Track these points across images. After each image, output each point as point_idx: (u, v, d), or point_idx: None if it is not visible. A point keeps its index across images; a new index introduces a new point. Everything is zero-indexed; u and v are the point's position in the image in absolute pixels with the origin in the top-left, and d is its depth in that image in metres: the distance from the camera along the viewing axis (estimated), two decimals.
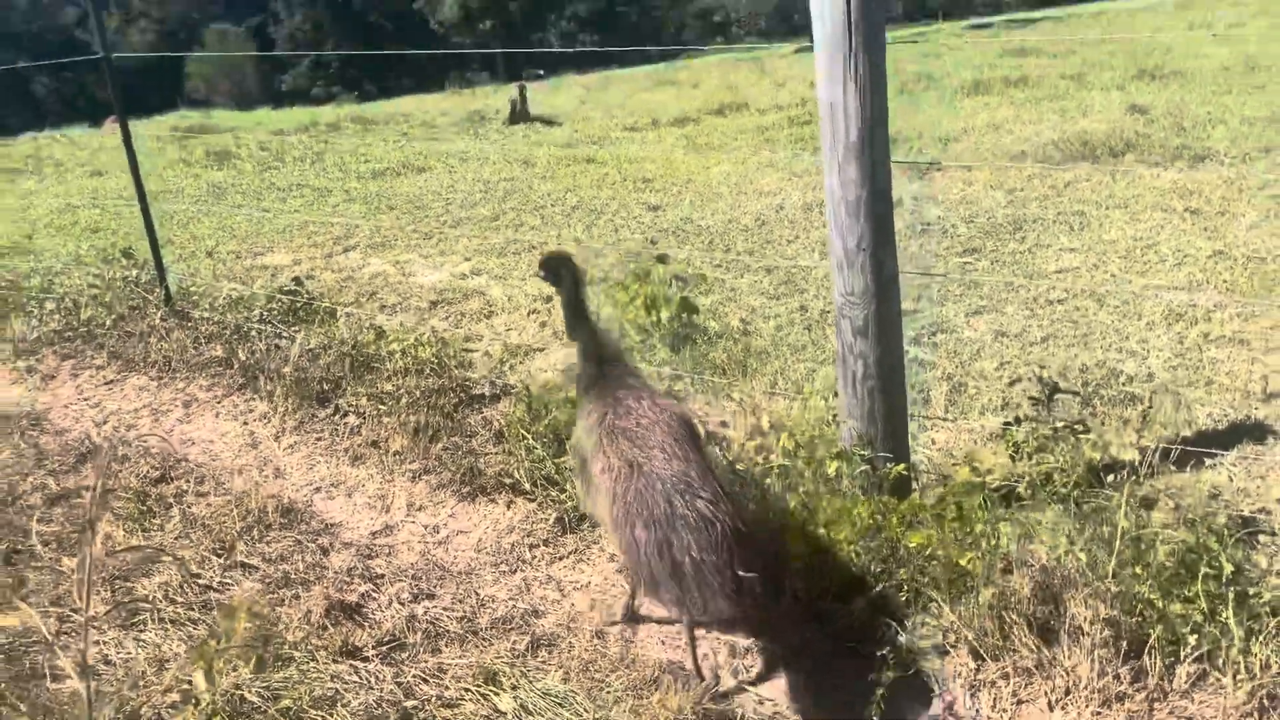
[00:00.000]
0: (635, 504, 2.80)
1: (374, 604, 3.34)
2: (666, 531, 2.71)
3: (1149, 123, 10.67)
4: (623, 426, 2.98)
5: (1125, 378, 4.68)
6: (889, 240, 3.35)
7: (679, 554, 2.68)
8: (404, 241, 8.75)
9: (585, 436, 3.10)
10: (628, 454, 2.91)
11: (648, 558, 2.72)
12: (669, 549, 2.69)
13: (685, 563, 2.67)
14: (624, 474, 2.87)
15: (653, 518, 2.75)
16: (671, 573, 2.69)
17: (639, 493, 2.81)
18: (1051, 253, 6.76)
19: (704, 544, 2.67)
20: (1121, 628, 2.82)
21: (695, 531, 2.69)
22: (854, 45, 3.11)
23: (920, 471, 3.78)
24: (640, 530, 2.75)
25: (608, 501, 2.90)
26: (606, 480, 2.92)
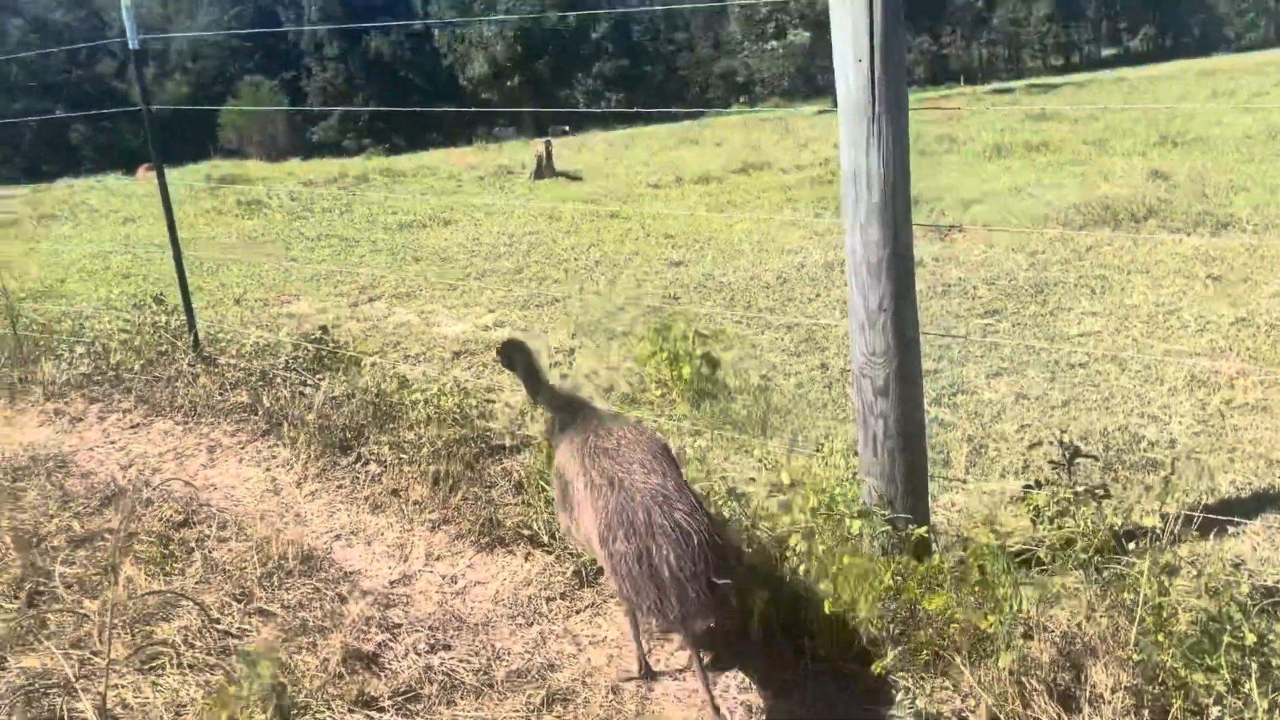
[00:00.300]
0: (616, 516, 2.94)
1: (391, 654, 3.34)
2: (645, 540, 2.85)
3: (1171, 189, 10.72)
4: (604, 447, 3.15)
5: (1147, 443, 4.66)
6: (910, 301, 3.37)
7: (658, 562, 2.81)
8: (428, 292, 8.86)
9: (568, 462, 3.24)
10: (609, 471, 3.06)
11: (629, 566, 2.85)
12: (648, 557, 2.83)
13: (664, 571, 2.80)
14: (605, 490, 3.02)
15: (633, 528, 2.89)
16: (651, 579, 2.82)
17: (620, 505, 2.96)
18: (1073, 316, 6.77)
19: (681, 553, 2.82)
20: (1143, 696, 2.79)
21: (673, 541, 2.83)
22: (877, 109, 3.17)
23: (940, 533, 3.77)
24: (621, 541, 2.89)
25: (592, 516, 3.03)
26: (590, 497, 3.06)
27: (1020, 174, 13.22)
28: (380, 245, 11.75)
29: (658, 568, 2.81)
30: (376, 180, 19.03)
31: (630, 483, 3.00)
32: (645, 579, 2.82)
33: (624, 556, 2.86)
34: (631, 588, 2.85)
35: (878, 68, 3.13)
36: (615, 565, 2.90)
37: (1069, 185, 11.75)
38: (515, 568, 3.91)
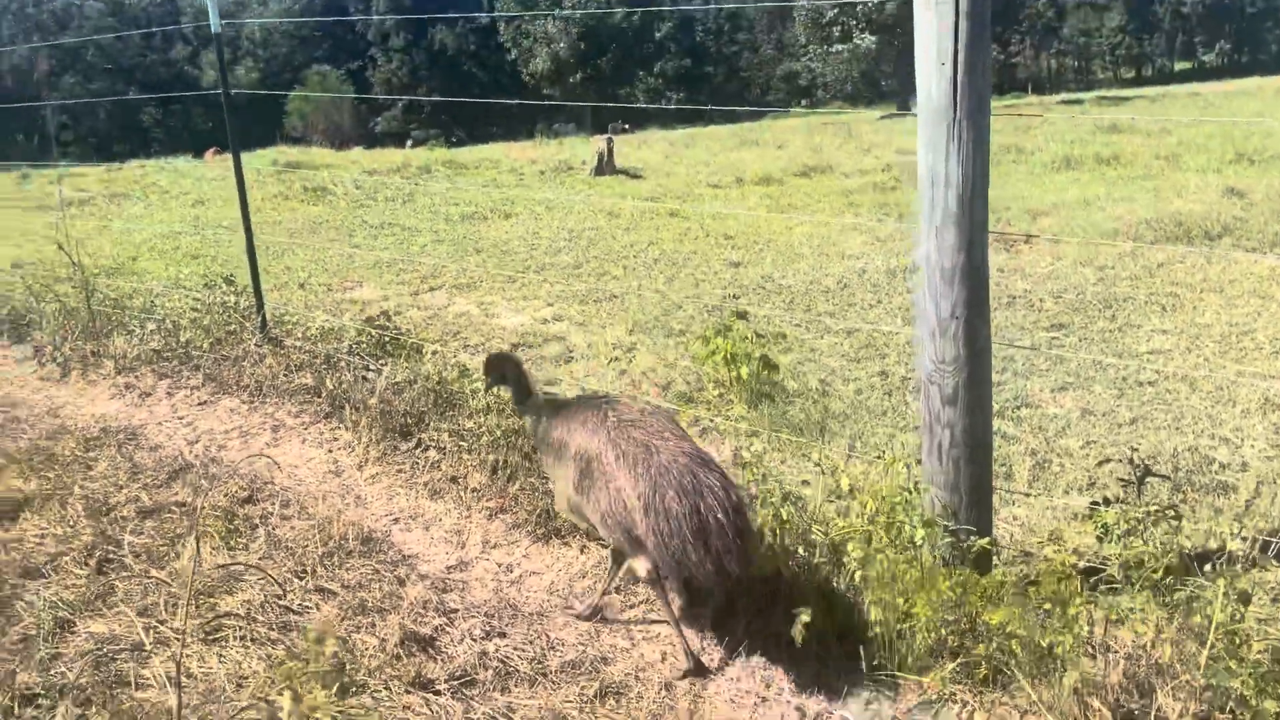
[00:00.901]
0: (662, 478, 3.09)
1: (447, 638, 3.36)
2: (694, 499, 3.03)
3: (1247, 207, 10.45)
4: (627, 419, 3.31)
5: (1218, 465, 4.55)
6: (983, 309, 3.33)
7: (708, 517, 3.01)
8: (488, 284, 8.93)
9: (586, 440, 3.33)
10: (641, 439, 3.21)
11: (678, 524, 3.01)
12: (697, 515, 3.01)
13: (711, 525, 3.00)
14: (644, 456, 3.16)
15: (682, 488, 3.05)
16: (699, 535, 2.99)
17: (664, 468, 3.11)
18: (1143, 333, 6.63)
19: (726, 511, 3.04)
20: None
21: (719, 499, 3.05)
22: (958, 114, 3.12)
23: (1002, 546, 3.71)
24: (673, 498, 3.04)
25: (631, 483, 3.13)
26: (624, 465, 3.18)
27: (1090, 186, 12.97)
28: (442, 235, 11.87)
29: (707, 524, 3.00)
30: (439, 171, 19.23)
31: (667, 448, 3.17)
32: (695, 536, 2.99)
33: (675, 515, 3.01)
34: (680, 546, 3.00)
35: (961, 71, 3.09)
36: (660, 526, 3.04)
37: (1140, 200, 11.50)
38: (570, 559, 3.92)
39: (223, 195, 15.79)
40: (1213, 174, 13.39)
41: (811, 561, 3.45)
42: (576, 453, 3.36)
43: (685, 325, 7.42)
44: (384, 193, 15.51)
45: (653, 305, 8.01)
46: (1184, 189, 12.05)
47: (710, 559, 2.99)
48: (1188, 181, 12.70)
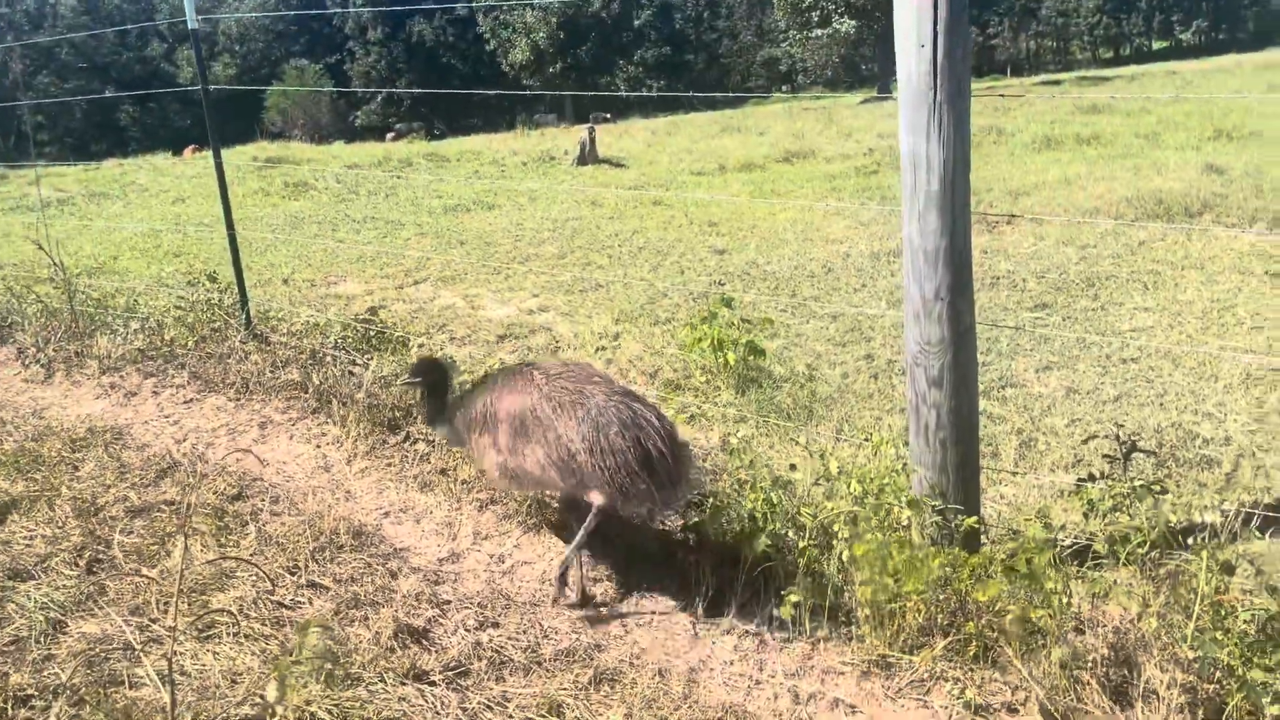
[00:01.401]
0: (601, 417, 3.31)
1: (441, 629, 3.37)
2: (636, 432, 3.27)
3: (1226, 183, 10.52)
4: (556, 373, 3.52)
5: (1201, 440, 4.59)
6: (967, 290, 3.35)
7: (649, 446, 3.26)
8: (473, 276, 8.91)
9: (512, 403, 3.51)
10: (573, 388, 3.43)
11: (624, 459, 3.24)
12: (641, 446, 3.26)
13: (654, 454, 3.26)
14: (579, 402, 3.38)
15: (623, 423, 3.28)
16: (645, 466, 3.25)
17: (601, 408, 3.34)
18: (1125, 311, 6.68)
19: (664, 439, 3.30)
20: (1198, 694, 2.76)
21: (657, 430, 3.30)
22: (939, 96, 3.14)
23: (989, 525, 3.74)
24: (616, 434, 3.27)
25: (573, 428, 3.34)
26: (561, 414, 3.38)
27: (1070, 166, 13.03)
28: (425, 228, 11.83)
29: (649, 453, 3.25)
30: (420, 164, 19.15)
31: (599, 390, 3.40)
32: (640, 466, 3.24)
33: (619, 450, 3.25)
34: (628, 478, 3.24)
35: (941, 53, 3.10)
36: (607, 462, 3.26)
37: (1120, 178, 11.56)
38: (561, 548, 3.93)
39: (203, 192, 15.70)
40: (1192, 151, 13.46)
41: (801, 544, 3.47)
42: (507, 415, 3.52)
43: (671, 313, 7.43)
44: (366, 186, 15.45)
45: (638, 294, 8.01)
46: (1164, 167, 12.12)
47: (655, 484, 3.26)
48: (1167, 159, 12.77)
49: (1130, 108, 18.51)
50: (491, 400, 3.61)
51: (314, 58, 68.37)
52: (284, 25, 69.47)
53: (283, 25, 69.26)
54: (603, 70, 64.50)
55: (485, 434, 3.61)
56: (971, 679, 3.01)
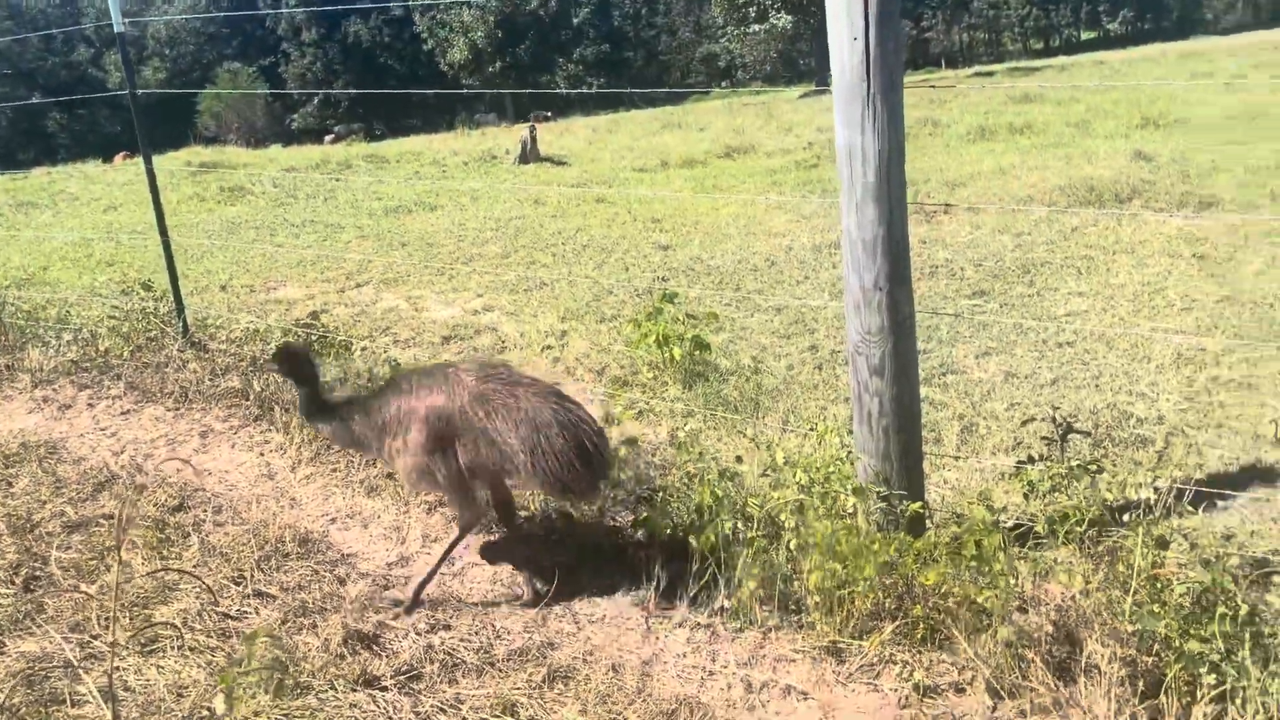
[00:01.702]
0: (540, 418, 3.36)
1: (391, 634, 3.35)
2: (575, 431, 3.36)
3: (1154, 170, 10.80)
4: (484, 374, 3.51)
5: (1135, 420, 4.71)
6: (905, 279, 3.40)
7: (586, 443, 3.36)
8: (416, 277, 8.84)
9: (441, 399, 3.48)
10: (504, 389, 3.45)
11: (567, 458, 3.32)
12: (580, 444, 3.35)
13: (591, 450, 3.37)
14: (512, 404, 3.40)
15: (561, 423, 3.36)
16: (584, 461, 3.34)
17: (536, 409, 3.38)
18: (1060, 296, 6.82)
19: (598, 434, 3.44)
20: (1138, 666, 2.83)
21: (593, 427, 3.42)
22: (872, 89, 3.18)
23: (934, 509, 3.81)
24: (557, 434, 3.34)
25: (511, 429, 3.37)
26: (498, 416, 3.39)
27: (1004, 156, 13.27)
28: (366, 230, 11.70)
29: (587, 450, 3.35)
30: (360, 166, 18.92)
31: (530, 390, 3.44)
32: (581, 463, 3.33)
33: (560, 450, 3.32)
34: (569, 476, 3.33)
35: (873, 46, 3.14)
36: (548, 464, 3.32)
37: (1053, 167, 11.80)
38: (513, 548, 3.92)
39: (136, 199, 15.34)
40: (1121, 139, 13.80)
41: (749, 535, 3.50)
42: (429, 417, 3.47)
43: (617, 310, 7.43)
44: (304, 190, 15.23)
45: (584, 291, 8.00)
46: (1094, 155, 12.40)
47: (592, 479, 3.39)
48: (1097, 147, 13.07)
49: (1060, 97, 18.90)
50: (409, 402, 3.54)
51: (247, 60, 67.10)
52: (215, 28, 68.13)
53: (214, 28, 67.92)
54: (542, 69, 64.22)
55: (401, 436, 3.54)
56: (920, 661, 3.06)
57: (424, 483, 3.57)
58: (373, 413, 3.65)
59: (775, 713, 2.98)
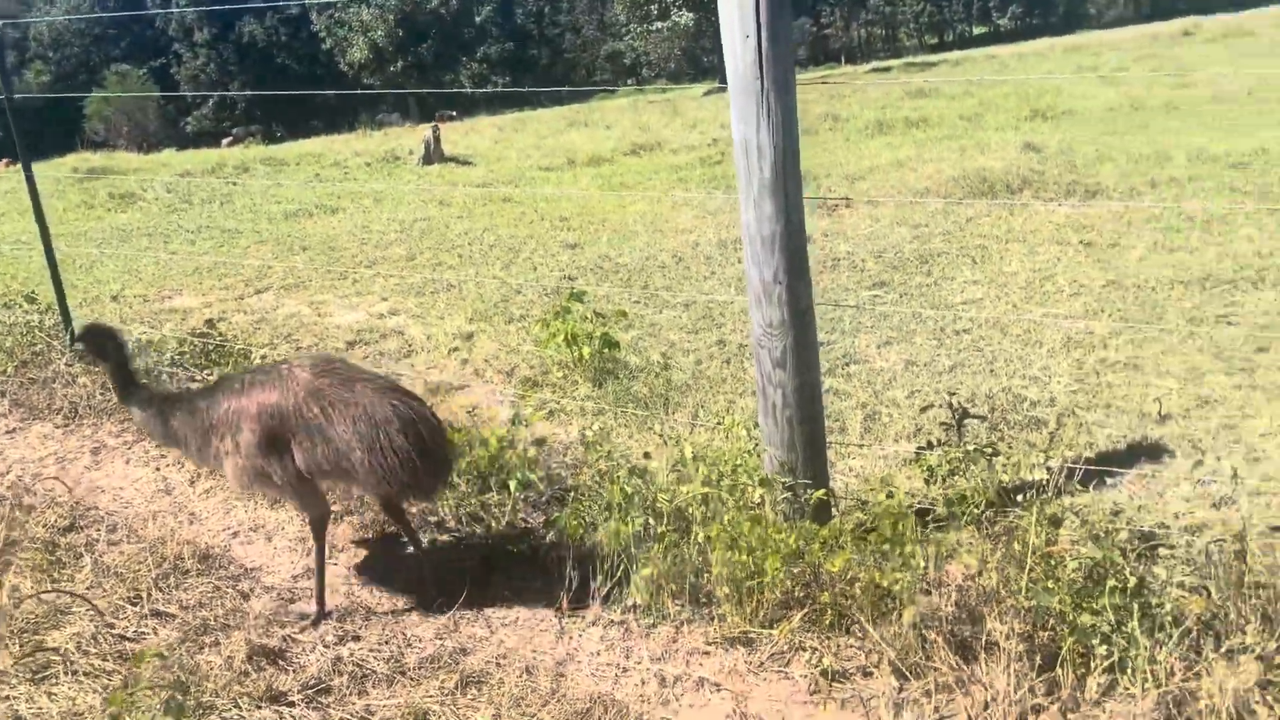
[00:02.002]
0: (379, 414, 3.25)
1: (298, 648, 3.27)
2: (416, 428, 3.26)
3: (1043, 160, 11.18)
4: (319, 369, 3.38)
5: (1029, 403, 4.88)
6: (804, 272, 3.45)
7: (428, 439, 3.28)
8: (318, 282, 8.65)
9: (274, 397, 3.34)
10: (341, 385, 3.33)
11: (404, 456, 3.21)
12: (423, 440, 3.26)
13: (431, 448, 3.28)
14: (350, 400, 3.28)
15: (403, 419, 3.25)
16: (425, 456, 3.25)
17: (375, 405, 3.27)
18: (956, 285, 7.02)
19: (437, 431, 3.37)
20: (1035, 641, 2.93)
21: (430, 424, 3.33)
22: (766, 85, 3.22)
23: (839, 497, 3.88)
24: (397, 431, 3.23)
25: (349, 427, 3.24)
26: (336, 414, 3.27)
27: (901, 149, 13.59)
28: (265, 235, 11.40)
29: (428, 446, 3.27)
30: (257, 169, 18.43)
31: (369, 387, 3.33)
32: (423, 460, 3.25)
33: (400, 447, 3.21)
34: (408, 475, 3.23)
35: (765, 43, 3.18)
36: (387, 461, 3.21)
37: (948, 159, 12.13)
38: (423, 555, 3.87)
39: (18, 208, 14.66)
40: (1011, 131, 14.25)
41: (660, 530, 3.52)
42: (261, 417, 3.34)
43: (526, 310, 7.39)
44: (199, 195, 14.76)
45: (492, 292, 7.93)
46: (986, 146, 12.78)
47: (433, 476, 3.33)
48: (989, 139, 13.48)
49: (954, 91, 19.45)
50: (239, 401, 3.40)
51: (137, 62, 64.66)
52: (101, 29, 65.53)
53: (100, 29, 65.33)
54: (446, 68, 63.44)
55: (230, 437, 3.40)
56: (828, 647, 3.12)
57: (257, 485, 3.42)
58: (199, 412, 3.50)
59: (689, 705, 3.00)
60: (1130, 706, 2.75)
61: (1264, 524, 3.60)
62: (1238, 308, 6.02)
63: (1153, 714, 2.72)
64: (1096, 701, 2.80)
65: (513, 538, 3.89)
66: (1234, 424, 4.51)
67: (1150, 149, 11.35)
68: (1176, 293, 6.36)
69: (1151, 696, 2.74)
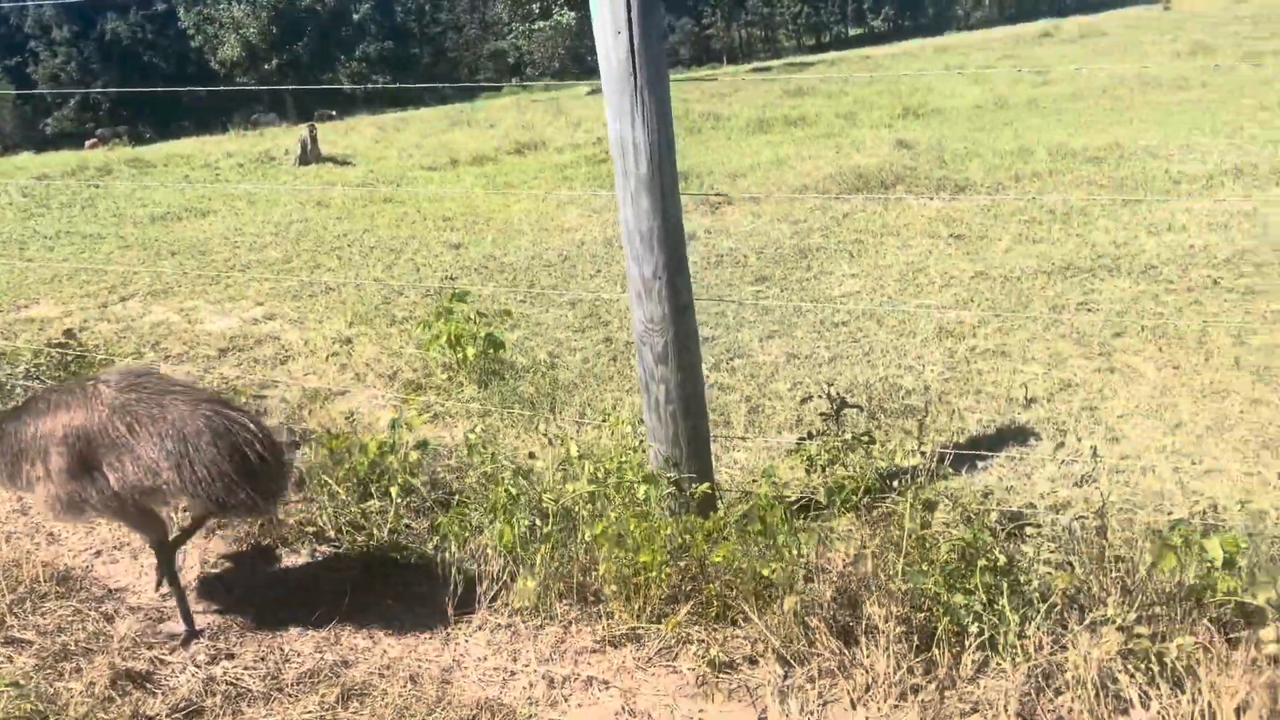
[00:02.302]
0: (189, 428, 3.06)
1: (167, 669, 3.13)
2: (231, 440, 3.07)
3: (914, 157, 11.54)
4: (127, 384, 3.20)
5: (904, 391, 5.02)
6: (683, 268, 3.47)
7: (248, 452, 3.08)
8: (188, 287, 8.31)
9: (79, 417, 3.14)
10: (150, 399, 3.15)
11: (220, 469, 3.03)
12: (239, 454, 3.07)
13: (253, 459, 3.09)
14: (159, 415, 3.10)
15: (215, 432, 3.06)
16: (244, 473, 3.06)
17: (186, 418, 3.08)
18: (835, 279, 7.18)
19: (264, 442, 3.15)
20: (913, 623, 3.01)
21: (255, 435, 3.13)
22: (639, 81, 3.22)
23: (725, 490, 3.92)
24: (208, 445, 3.04)
25: (155, 444, 3.06)
26: (142, 432, 3.08)
27: (781, 147, 13.84)
28: (130, 240, 10.90)
29: (249, 459, 3.08)
30: (122, 171, 17.60)
31: (181, 400, 3.14)
32: (240, 475, 3.05)
33: (212, 461, 3.03)
34: (224, 490, 3.03)
35: (637, 39, 3.18)
36: (199, 475, 3.02)
37: (825, 156, 12.42)
38: (298, 567, 3.75)
39: None
40: (884, 129, 14.68)
41: (546, 530, 3.49)
42: (66, 439, 3.12)
43: (409, 312, 7.25)
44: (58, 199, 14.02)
45: (373, 294, 7.76)
46: (861, 144, 13.13)
47: (257, 491, 3.09)
48: (864, 137, 13.85)
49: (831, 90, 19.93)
50: (43, 424, 3.17)
51: None
52: None
53: None
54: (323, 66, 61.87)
55: (37, 463, 3.15)
56: (715, 638, 3.14)
57: (72, 513, 3.18)
58: (6, 437, 3.24)
59: (577, 705, 2.98)
60: (1002, 681, 2.85)
61: (1122, 500, 3.79)
62: (1096, 295, 6.32)
63: (1023, 687, 2.83)
64: (971, 678, 2.89)
65: (396, 545, 3.80)
66: (1094, 406, 4.73)
67: (1014, 145, 11.84)
68: (1040, 282, 6.65)
69: (1022, 670, 2.85)
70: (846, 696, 2.90)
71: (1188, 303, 6.05)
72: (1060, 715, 2.74)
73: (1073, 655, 2.80)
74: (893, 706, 2.84)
